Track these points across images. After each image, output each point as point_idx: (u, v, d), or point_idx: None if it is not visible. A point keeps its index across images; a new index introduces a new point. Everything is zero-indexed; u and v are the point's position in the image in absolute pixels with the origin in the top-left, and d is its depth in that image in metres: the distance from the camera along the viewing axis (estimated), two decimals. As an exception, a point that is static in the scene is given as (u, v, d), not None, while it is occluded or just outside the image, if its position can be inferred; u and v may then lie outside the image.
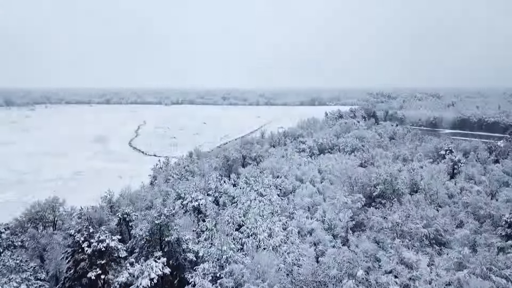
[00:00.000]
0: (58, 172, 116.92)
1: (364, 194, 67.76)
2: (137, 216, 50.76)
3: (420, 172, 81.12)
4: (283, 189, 70.04)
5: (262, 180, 67.43)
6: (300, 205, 61.96)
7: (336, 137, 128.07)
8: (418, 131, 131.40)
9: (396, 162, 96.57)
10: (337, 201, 58.68)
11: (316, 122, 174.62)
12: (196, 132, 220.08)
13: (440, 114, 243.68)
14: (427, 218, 52.74)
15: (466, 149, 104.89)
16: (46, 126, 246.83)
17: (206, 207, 56.91)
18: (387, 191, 63.55)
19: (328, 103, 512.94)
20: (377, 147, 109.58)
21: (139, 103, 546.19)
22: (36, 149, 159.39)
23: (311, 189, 70.39)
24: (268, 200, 57.68)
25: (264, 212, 52.04)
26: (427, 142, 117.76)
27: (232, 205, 62.86)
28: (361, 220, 58.68)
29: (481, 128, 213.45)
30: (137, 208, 62.81)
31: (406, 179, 68.11)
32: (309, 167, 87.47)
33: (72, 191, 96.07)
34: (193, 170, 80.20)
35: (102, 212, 52.35)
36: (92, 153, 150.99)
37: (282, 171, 78.02)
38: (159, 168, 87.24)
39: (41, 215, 54.48)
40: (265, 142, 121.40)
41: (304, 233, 52.80)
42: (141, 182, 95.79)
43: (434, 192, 68.07)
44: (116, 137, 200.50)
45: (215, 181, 67.88)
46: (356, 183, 69.08)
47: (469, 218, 55.44)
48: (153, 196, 67.43)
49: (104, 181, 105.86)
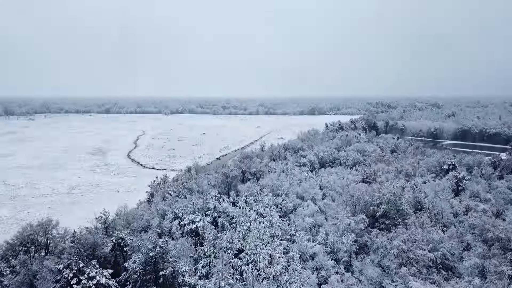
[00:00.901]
0: (54, 186, 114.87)
1: (367, 214, 65.90)
2: (132, 240, 48.74)
3: (424, 188, 79.39)
4: (284, 208, 68.16)
5: (262, 199, 65.54)
6: (302, 226, 60.04)
7: (337, 150, 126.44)
8: (420, 144, 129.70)
9: (399, 177, 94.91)
10: (339, 222, 56.76)
11: (317, 134, 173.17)
12: (195, 143, 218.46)
13: (440, 124, 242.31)
14: (433, 242, 50.88)
15: (469, 163, 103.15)
16: (44, 137, 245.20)
17: (204, 229, 54.96)
18: (391, 211, 61.68)
19: (328, 112, 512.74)
20: (379, 161, 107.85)
21: (139, 113, 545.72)
22: (33, 161, 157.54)
23: (312, 208, 68.53)
24: (269, 222, 55.73)
25: (264, 236, 50.11)
26: (429, 156, 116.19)
27: (231, 225, 61.05)
28: (365, 242, 56.81)
29: (483, 139, 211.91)
30: (133, 229, 60.96)
31: (410, 198, 66.20)
32: (310, 183, 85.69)
33: (68, 207, 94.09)
34: (191, 187, 78.33)
35: (96, 236, 50.30)
36: (90, 166, 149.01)
37: (282, 188, 76.18)
38: (157, 184, 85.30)
39: (33, 238, 52.35)
40: (265, 156, 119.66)
41: (306, 257, 50.86)
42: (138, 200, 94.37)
43: (438, 211, 66.22)
44: (114, 149, 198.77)
45: (213, 200, 65.98)
46: (359, 202, 67.18)
47: (476, 241, 53.61)
48: (150, 215, 65.48)
49: (101, 197, 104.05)
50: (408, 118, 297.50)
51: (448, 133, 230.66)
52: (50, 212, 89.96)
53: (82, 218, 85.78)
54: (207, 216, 62.14)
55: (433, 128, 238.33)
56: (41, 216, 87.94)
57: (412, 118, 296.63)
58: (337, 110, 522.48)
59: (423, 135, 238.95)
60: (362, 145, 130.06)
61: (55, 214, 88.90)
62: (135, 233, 60.55)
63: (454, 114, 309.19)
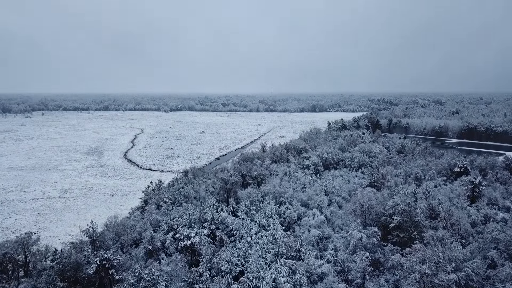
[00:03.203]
0: (46, 190, 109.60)
1: (378, 224, 60.74)
2: (119, 259, 43.48)
3: (437, 195, 74.23)
4: (288, 218, 62.87)
5: (264, 208, 60.22)
6: (308, 239, 54.77)
7: (341, 151, 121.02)
8: (428, 145, 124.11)
9: (408, 181, 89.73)
10: (350, 236, 51.50)
11: (319, 134, 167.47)
12: (194, 142, 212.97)
13: (445, 122, 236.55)
14: (455, 260, 45.57)
15: (482, 165, 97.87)
16: (40, 136, 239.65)
17: (201, 245, 49.72)
18: (405, 223, 56.38)
19: (329, 109, 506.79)
20: (386, 163, 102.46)
21: (138, 110, 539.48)
22: (26, 162, 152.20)
23: (318, 217, 63.15)
24: (272, 236, 50.47)
25: (268, 255, 44.90)
26: (438, 158, 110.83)
27: (231, 238, 55.86)
28: (377, 258, 51.61)
29: (489, 137, 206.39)
30: (123, 243, 55.77)
31: (424, 207, 60.86)
32: (315, 188, 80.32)
33: (58, 214, 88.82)
34: (188, 194, 72.99)
35: (78, 256, 44.98)
36: (85, 167, 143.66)
37: (286, 195, 70.86)
38: (151, 190, 79.96)
39: (10, 256, 47.09)
40: (266, 157, 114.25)
41: (313, 278, 45.62)
42: (132, 205, 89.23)
43: (455, 221, 61.08)
44: (111, 148, 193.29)
45: (211, 209, 60.69)
46: (369, 211, 61.91)
47: (502, 258, 48.38)
48: (143, 227, 60.18)
49: (93, 201, 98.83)
50: (411, 116, 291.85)
51: (453, 131, 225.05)
52: (38, 220, 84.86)
53: (72, 226, 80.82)
54: (204, 228, 56.88)
55: (437, 126, 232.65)
56: (28, 223, 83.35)
57: (415, 115, 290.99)
58: (338, 107, 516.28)
59: (427, 133, 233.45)
60: (367, 145, 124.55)
61: (44, 222, 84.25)
62: (125, 247, 55.51)
63: (458, 111, 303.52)
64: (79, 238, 54.27)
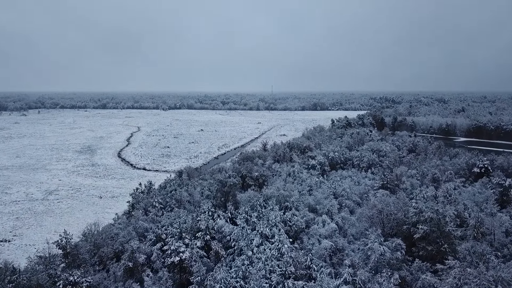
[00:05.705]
0: (29, 191, 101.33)
1: (399, 234, 52.57)
2: (90, 282, 35.25)
3: (460, 198, 66.13)
4: (294, 226, 54.61)
5: (267, 215, 51.95)
6: (319, 253, 46.49)
7: (348, 149, 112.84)
8: (442, 143, 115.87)
9: (424, 183, 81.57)
10: (370, 251, 43.27)
11: (323, 131, 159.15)
12: (192, 140, 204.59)
13: (452, 120, 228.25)
14: (502, 282, 37.43)
15: (503, 165, 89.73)
16: (33, 134, 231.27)
17: (192, 262, 41.48)
18: (433, 234, 48.12)
19: (331, 108, 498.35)
20: (398, 163, 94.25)
21: (136, 108, 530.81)
22: (13, 161, 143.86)
23: (329, 225, 54.90)
24: (277, 250, 42.27)
25: (273, 275, 36.72)
26: (453, 157, 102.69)
27: (228, 251, 47.62)
28: (404, 277, 43.37)
29: (499, 136, 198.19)
30: (102, 256, 47.51)
31: (454, 215, 52.60)
32: (323, 190, 72.07)
33: (39, 218, 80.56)
34: (181, 198, 64.70)
35: (41, 276, 36.72)
36: (75, 166, 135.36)
37: (291, 199, 62.62)
38: (140, 192, 71.66)
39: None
40: (268, 156, 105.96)
41: (329, 304, 37.38)
42: (120, 209, 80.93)
43: (486, 230, 53.12)
44: (105, 147, 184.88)
45: (206, 216, 52.41)
46: (389, 219, 53.70)
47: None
48: (126, 236, 51.88)
49: (79, 204, 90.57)
50: (416, 114, 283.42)
51: (461, 130, 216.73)
52: (16, 225, 76.61)
53: (52, 232, 72.37)
54: (197, 239, 48.63)
55: (444, 124, 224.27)
56: (4, 230, 74.71)
57: (420, 113, 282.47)
58: (339, 106, 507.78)
59: (434, 131, 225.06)
60: (376, 144, 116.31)
61: (22, 227, 75.80)
62: (105, 261, 47.26)
63: (464, 110, 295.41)
64: (50, 250, 45.95)
